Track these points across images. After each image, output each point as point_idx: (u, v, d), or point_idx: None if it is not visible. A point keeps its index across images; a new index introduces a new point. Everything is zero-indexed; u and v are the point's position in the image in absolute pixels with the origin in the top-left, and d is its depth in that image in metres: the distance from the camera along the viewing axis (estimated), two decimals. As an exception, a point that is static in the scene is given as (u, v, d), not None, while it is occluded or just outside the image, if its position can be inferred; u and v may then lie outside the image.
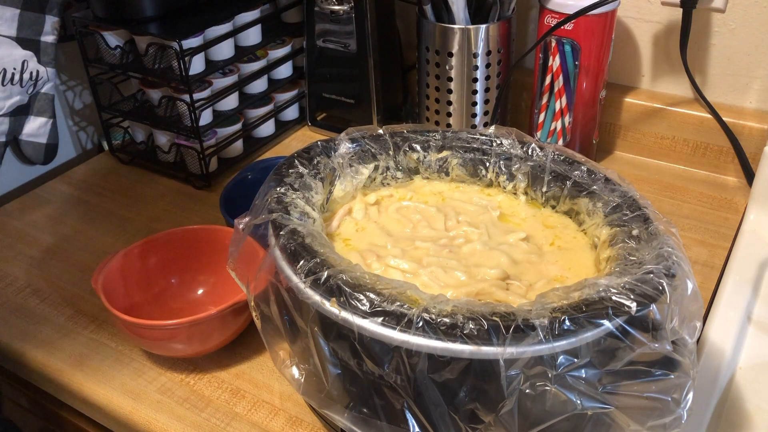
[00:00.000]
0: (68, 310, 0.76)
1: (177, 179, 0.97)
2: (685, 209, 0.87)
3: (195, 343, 0.65)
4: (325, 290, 0.47)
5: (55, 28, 0.92)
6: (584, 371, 0.44)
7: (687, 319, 0.47)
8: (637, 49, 0.94)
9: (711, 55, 0.89)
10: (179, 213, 0.91)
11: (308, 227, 0.53)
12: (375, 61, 0.96)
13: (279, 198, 0.56)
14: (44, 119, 0.96)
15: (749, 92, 0.89)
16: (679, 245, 0.52)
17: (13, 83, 0.89)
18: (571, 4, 0.80)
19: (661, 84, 0.95)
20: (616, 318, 0.44)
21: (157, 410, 0.64)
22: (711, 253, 0.79)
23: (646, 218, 0.55)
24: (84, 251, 0.84)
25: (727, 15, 0.86)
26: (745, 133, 0.88)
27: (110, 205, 0.93)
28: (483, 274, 0.55)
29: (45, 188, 0.97)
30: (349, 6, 0.93)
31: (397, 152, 0.66)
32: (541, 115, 0.90)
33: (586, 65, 0.84)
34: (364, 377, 0.48)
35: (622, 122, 0.96)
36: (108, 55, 0.92)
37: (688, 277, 0.49)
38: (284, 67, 1.03)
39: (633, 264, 0.50)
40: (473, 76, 0.89)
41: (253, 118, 1.01)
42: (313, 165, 0.61)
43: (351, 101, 1.02)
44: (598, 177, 0.61)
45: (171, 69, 0.87)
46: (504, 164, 0.66)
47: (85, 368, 0.69)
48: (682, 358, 0.46)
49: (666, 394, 0.46)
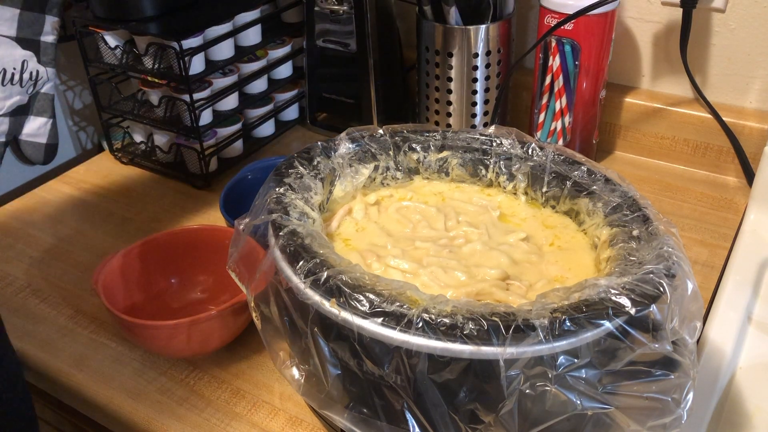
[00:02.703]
0: (68, 310, 0.76)
1: (177, 179, 0.97)
2: (686, 209, 0.87)
3: (195, 343, 0.65)
4: (325, 291, 0.47)
5: (55, 28, 0.92)
6: (584, 371, 0.44)
7: (687, 319, 0.47)
8: (637, 49, 0.94)
9: (711, 55, 0.89)
10: (179, 213, 0.91)
11: (308, 228, 0.53)
12: (375, 61, 0.96)
13: (278, 198, 0.56)
14: (44, 119, 0.96)
15: (749, 92, 0.89)
16: (679, 245, 0.52)
17: (13, 83, 0.89)
18: (571, 4, 0.80)
19: (661, 84, 0.95)
20: (616, 318, 0.44)
21: (157, 410, 0.64)
22: (711, 253, 0.79)
23: (646, 218, 0.55)
24: (84, 251, 0.84)
25: (727, 15, 0.86)
26: (745, 133, 0.88)
27: (110, 205, 0.93)
28: (483, 274, 0.54)
29: (45, 188, 0.97)
30: (349, 6, 0.93)
31: (397, 152, 0.66)
32: (541, 115, 0.90)
33: (586, 65, 0.84)
34: (364, 378, 0.48)
35: (622, 122, 0.96)
36: (108, 55, 0.92)
37: (688, 277, 0.49)
38: (284, 67, 1.03)
39: (633, 264, 0.50)
40: (473, 76, 0.89)
41: (253, 118, 1.01)
42: (312, 165, 0.61)
43: (351, 101, 1.02)
44: (598, 177, 0.61)
45: (171, 69, 0.87)
46: (504, 164, 0.66)
47: (85, 368, 0.68)
48: (682, 358, 0.46)
49: (666, 394, 0.46)
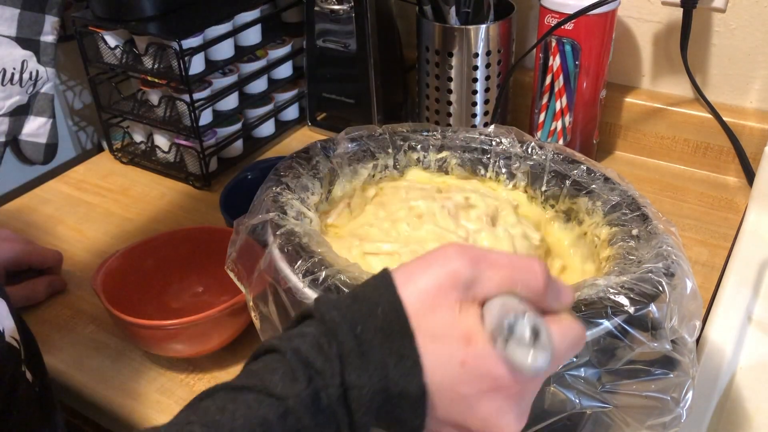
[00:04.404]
0: (68, 310, 0.76)
1: (177, 179, 0.97)
2: (686, 209, 0.87)
3: (195, 343, 0.65)
4: (324, 290, 0.47)
5: (55, 28, 0.92)
6: (583, 370, 0.44)
7: (686, 318, 0.47)
8: (637, 49, 0.93)
9: (711, 55, 0.89)
10: (179, 213, 0.91)
11: (305, 227, 0.54)
12: (375, 61, 0.96)
13: (275, 198, 0.56)
14: (44, 119, 0.96)
15: (750, 92, 0.89)
16: (678, 244, 0.52)
17: (12, 83, 0.89)
18: (571, 4, 0.80)
19: (662, 84, 0.94)
20: (615, 317, 0.44)
21: (157, 410, 0.64)
22: (711, 253, 0.79)
23: (645, 217, 0.55)
24: (84, 251, 0.84)
25: (727, 15, 0.86)
26: (745, 133, 0.88)
27: (110, 205, 0.93)
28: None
29: (45, 188, 0.97)
30: (349, 6, 0.93)
31: (397, 152, 0.66)
32: (542, 115, 0.90)
33: (586, 65, 0.84)
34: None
35: (622, 122, 0.96)
36: (108, 55, 0.92)
37: (687, 276, 0.49)
38: (284, 67, 1.03)
39: (632, 263, 0.50)
40: (473, 76, 0.89)
41: (252, 118, 1.01)
42: (311, 165, 0.61)
43: (351, 101, 1.02)
44: (598, 176, 0.61)
45: (171, 69, 0.87)
46: (503, 163, 0.66)
47: (85, 368, 0.68)
48: (682, 357, 0.46)
49: (665, 393, 0.46)
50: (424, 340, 0.35)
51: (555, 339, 0.35)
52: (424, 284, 0.36)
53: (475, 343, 0.35)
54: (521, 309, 0.35)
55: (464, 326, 0.35)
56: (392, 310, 0.35)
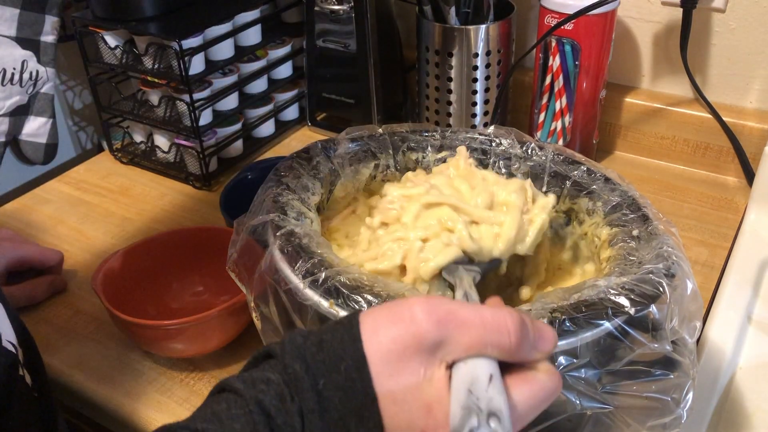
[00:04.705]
0: (68, 310, 0.76)
1: (177, 179, 0.97)
2: (686, 209, 0.87)
3: (195, 343, 0.65)
4: (324, 291, 0.47)
5: (55, 28, 0.92)
6: (584, 371, 0.44)
7: (687, 318, 0.47)
8: (637, 49, 0.93)
9: (711, 55, 0.89)
10: (179, 213, 0.91)
11: (305, 228, 0.53)
12: (375, 61, 0.96)
13: (276, 199, 0.56)
14: (44, 119, 0.96)
15: (749, 92, 0.89)
16: (678, 245, 0.52)
17: (12, 83, 0.89)
18: (571, 4, 0.80)
19: (661, 84, 0.94)
20: (615, 318, 0.44)
21: (157, 410, 0.64)
22: (711, 253, 0.79)
23: (645, 218, 0.55)
24: (84, 251, 0.84)
25: (727, 15, 0.86)
26: (745, 133, 0.88)
27: (110, 205, 0.93)
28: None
29: (45, 188, 0.97)
30: (349, 6, 0.93)
31: (396, 152, 0.66)
32: (541, 115, 0.90)
33: (586, 65, 0.84)
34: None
35: (622, 122, 0.96)
36: (108, 55, 0.92)
37: (687, 276, 0.49)
38: (284, 67, 1.03)
39: (633, 264, 0.50)
40: (473, 76, 0.89)
41: (252, 118, 1.01)
42: (312, 165, 0.61)
43: (351, 101, 1.02)
44: (598, 176, 0.61)
45: (171, 69, 0.87)
46: (504, 163, 0.65)
47: (85, 368, 0.68)
48: (682, 358, 0.46)
49: (666, 393, 0.46)
50: (386, 403, 0.35)
51: (521, 403, 0.35)
52: (388, 342, 0.35)
53: (436, 414, 0.35)
54: (486, 377, 0.34)
55: (426, 395, 0.35)
56: (356, 368, 0.35)
